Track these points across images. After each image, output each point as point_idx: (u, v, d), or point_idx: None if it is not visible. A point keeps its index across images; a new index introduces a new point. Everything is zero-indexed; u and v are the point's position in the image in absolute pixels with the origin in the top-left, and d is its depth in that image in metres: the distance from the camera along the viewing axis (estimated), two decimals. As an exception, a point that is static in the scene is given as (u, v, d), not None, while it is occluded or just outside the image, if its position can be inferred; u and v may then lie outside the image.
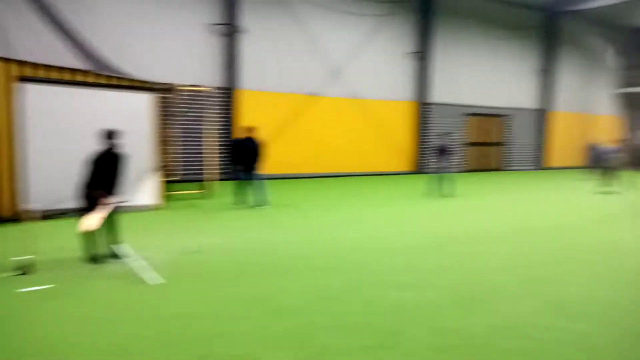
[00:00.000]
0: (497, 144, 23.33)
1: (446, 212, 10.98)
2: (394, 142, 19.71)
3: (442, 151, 13.27)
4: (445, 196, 13.09)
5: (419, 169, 20.23)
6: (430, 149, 20.18)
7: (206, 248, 7.10)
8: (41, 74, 8.85)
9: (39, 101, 8.67)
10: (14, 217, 8.40)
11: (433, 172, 13.76)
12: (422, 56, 19.75)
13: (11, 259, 5.84)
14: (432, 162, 14.10)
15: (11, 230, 7.84)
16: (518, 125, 23.67)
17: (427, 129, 20.46)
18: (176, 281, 5.55)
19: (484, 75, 22.14)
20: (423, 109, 20.11)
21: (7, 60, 8.55)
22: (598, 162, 16.51)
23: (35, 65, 8.84)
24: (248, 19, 16.10)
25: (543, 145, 24.46)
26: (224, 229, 8.58)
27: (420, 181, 16.89)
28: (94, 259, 6.04)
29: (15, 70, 8.53)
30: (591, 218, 10.57)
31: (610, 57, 26.75)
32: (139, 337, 4.10)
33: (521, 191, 15.53)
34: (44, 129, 8.77)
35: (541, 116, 24.27)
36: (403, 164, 20.15)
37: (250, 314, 4.64)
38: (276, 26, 16.72)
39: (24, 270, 5.57)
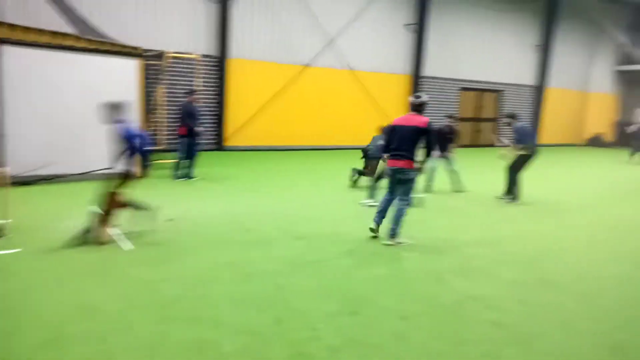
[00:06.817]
0: (491, 119, 23.16)
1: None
2: (385, 116, 19.52)
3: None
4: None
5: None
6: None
7: (178, 216, 7.05)
8: (25, 36, 8.64)
9: (18, 64, 8.47)
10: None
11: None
12: (417, 28, 19.40)
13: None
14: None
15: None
16: (511, 102, 23.41)
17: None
18: (145, 247, 5.55)
19: (481, 49, 21.80)
20: (416, 82, 19.85)
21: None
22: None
23: (15, 27, 8.62)
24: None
25: (538, 122, 24.27)
26: (193, 198, 8.58)
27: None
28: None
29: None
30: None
31: (611, 34, 26.31)
32: (106, 299, 4.11)
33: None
34: (24, 94, 8.61)
35: (538, 92, 24.04)
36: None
37: (219, 278, 4.65)
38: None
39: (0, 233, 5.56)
